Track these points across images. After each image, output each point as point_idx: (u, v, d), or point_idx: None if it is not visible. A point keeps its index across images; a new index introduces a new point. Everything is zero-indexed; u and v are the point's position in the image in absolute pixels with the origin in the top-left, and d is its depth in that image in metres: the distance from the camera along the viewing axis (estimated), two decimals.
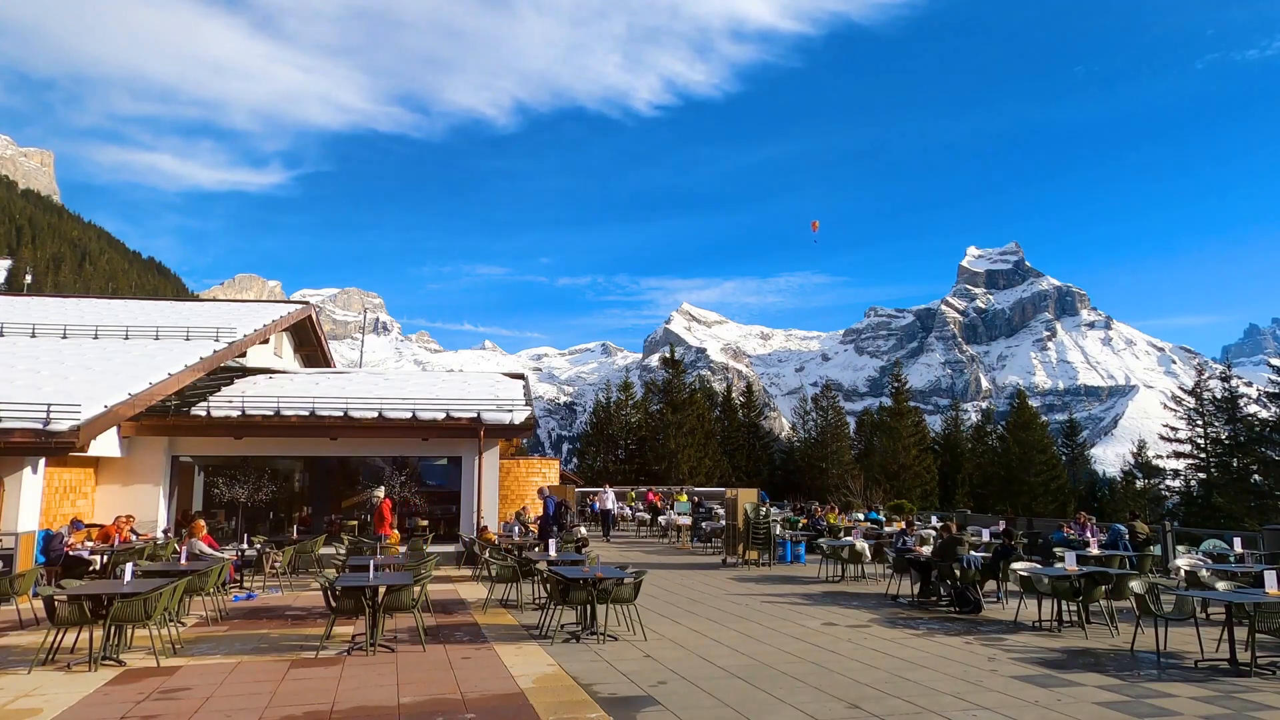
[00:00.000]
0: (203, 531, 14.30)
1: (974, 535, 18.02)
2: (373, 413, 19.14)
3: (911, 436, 53.18)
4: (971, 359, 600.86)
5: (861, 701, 7.42)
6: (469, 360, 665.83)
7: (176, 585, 9.61)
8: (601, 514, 27.09)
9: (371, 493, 14.56)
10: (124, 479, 17.89)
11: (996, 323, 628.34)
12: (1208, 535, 18.96)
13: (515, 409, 20.10)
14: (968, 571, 12.83)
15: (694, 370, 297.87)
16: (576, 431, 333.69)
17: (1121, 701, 7.40)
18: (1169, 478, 47.42)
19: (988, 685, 8.00)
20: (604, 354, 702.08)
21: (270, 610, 12.62)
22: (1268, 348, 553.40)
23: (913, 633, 10.85)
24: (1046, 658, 9.30)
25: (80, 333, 22.54)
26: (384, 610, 9.74)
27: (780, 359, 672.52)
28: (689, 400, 54.93)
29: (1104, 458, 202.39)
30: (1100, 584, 11.00)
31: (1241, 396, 42.93)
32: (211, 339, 21.71)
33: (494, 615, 12.18)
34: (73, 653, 9.22)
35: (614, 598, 10.47)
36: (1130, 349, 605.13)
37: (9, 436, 13.92)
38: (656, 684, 8.07)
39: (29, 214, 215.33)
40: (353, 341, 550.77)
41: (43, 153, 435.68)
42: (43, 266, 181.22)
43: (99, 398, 15.52)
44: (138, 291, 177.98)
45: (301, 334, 30.96)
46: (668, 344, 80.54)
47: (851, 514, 28.15)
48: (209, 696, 7.60)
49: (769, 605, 13.12)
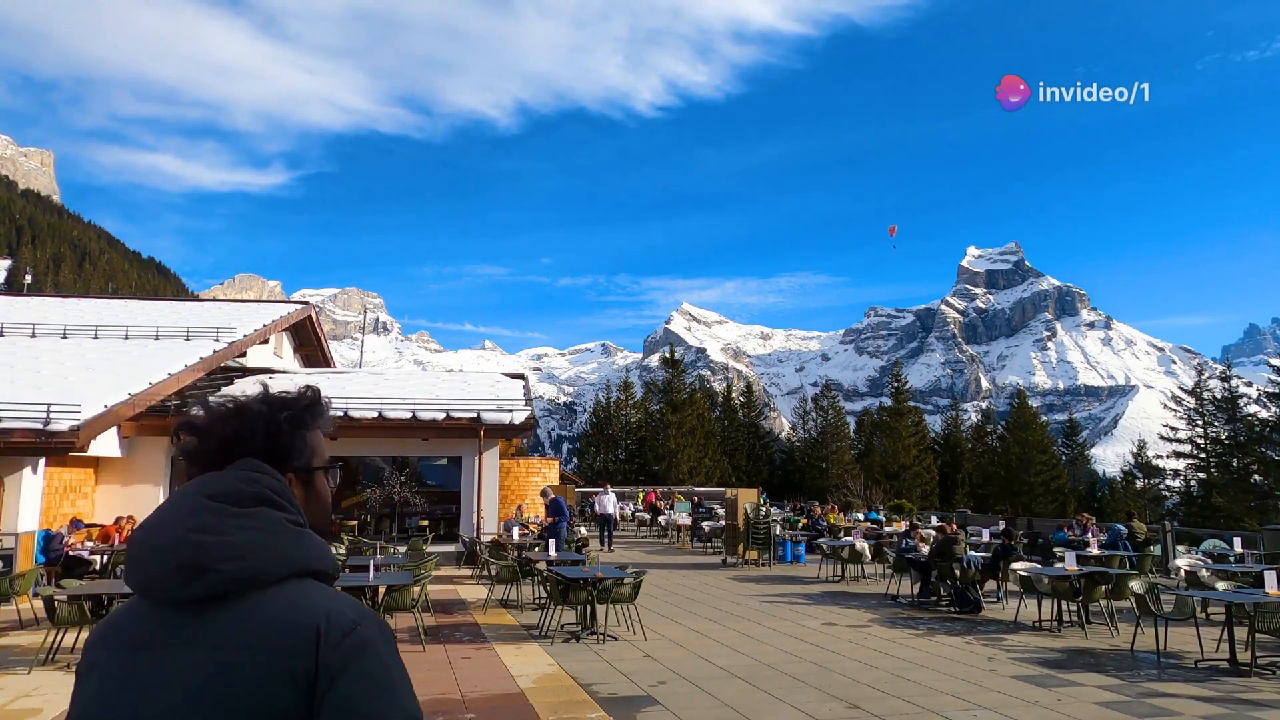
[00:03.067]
0: None
1: (974, 535, 18.02)
2: (373, 413, 19.14)
3: (911, 436, 53.19)
4: (971, 359, 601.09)
5: (861, 701, 7.42)
6: (469, 360, 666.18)
7: None
8: (601, 519, 23.47)
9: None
10: (124, 479, 17.88)
11: (996, 323, 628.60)
12: (1208, 535, 18.97)
13: (515, 409, 20.10)
14: (968, 571, 12.83)
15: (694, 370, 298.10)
16: (576, 431, 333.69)
17: (1121, 701, 7.40)
18: (1169, 478, 47.43)
19: (988, 685, 8.00)
20: (604, 354, 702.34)
21: None
22: (1268, 348, 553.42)
23: (913, 633, 10.85)
24: (1046, 658, 9.29)
25: (80, 333, 22.53)
26: (384, 610, 9.74)
27: (780, 359, 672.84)
28: (689, 400, 54.92)
29: (1104, 458, 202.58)
30: (1100, 584, 11.00)
31: (1241, 396, 42.91)
32: (211, 339, 21.70)
33: (494, 615, 12.18)
34: (73, 653, 9.22)
35: (614, 598, 10.47)
36: (1130, 349, 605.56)
37: (9, 436, 13.92)
38: (656, 684, 8.07)
39: (29, 214, 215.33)
40: (353, 341, 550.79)
41: (43, 153, 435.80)
42: (43, 266, 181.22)
43: (99, 398, 15.52)
44: (138, 291, 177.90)
45: (301, 334, 30.95)
46: (668, 344, 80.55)
47: (851, 514, 28.16)
48: None
49: (769, 605, 13.12)
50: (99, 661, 1.22)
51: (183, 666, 1.14)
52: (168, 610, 1.19)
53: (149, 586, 1.21)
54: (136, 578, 1.22)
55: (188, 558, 1.17)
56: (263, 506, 1.24)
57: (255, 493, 1.25)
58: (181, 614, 1.18)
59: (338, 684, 1.11)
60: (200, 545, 1.18)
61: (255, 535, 1.21)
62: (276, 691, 1.10)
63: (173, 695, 1.12)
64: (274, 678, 1.11)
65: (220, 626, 1.15)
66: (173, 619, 1.18)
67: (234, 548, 1.18)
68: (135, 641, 1.19)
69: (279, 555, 1.21)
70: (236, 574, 1.17)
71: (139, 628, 1.20)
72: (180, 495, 1.25)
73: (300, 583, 1.22)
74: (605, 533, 23.27)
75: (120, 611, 1.27)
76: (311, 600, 1.19)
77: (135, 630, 1.20)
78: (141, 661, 1.17)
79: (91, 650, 1.24)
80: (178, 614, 1.18)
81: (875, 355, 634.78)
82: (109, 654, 1.21)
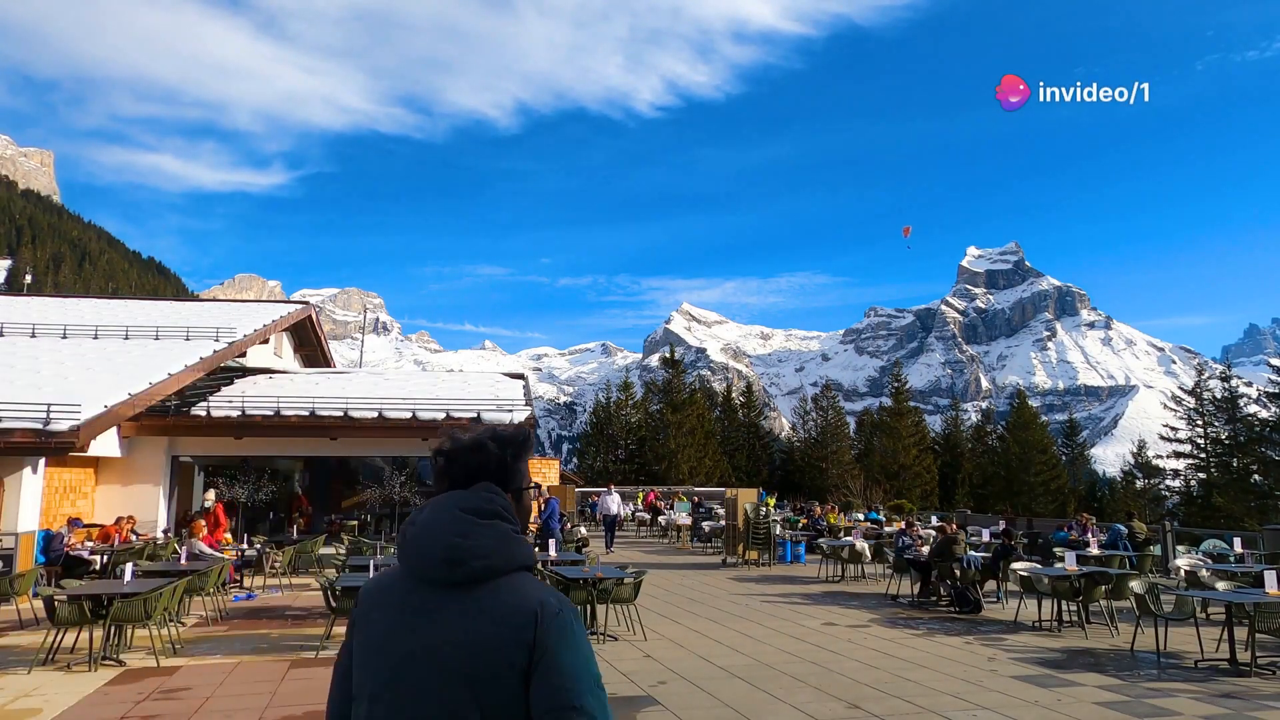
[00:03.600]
0: (202, 532, 14.30)
1: (974, 535, 18.01)
2: (373, 413, 19.14)
3: (911, 436, 53.17)
4: (971, 359, 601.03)
5: (861, 701, 7.42)
6: (469, 360, 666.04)
7: (176, 585, 9.61)
8: (605, 520, 23.35)
9: (203, 497, 13.21)
10: (124, 479, 17.88)
11: (996, 323, 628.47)
12: (1208, 535, 18.97)
13: (515, 409, 20.10)
14: (968, 571, 12.83)
15: (694, 370, 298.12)
16: (576, 431, 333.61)
17: (1121, 701, 7.40)
18: (1169, 478, 47.42)
19: (988, 685, 8.00)
20: (604, 354, 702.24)
21: (270, 610, 12.62)
22: (1268, 348, 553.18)
23: (913, 633, 10.85)
24: (1046, 658, 9.30)
25: (80, 333, 22.52)
26: None
27: (780, 359, 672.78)
28: (689, 400, 54.91)
29: (1104, 458, 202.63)
30: (1100, 584, 11.00)
31: (1241, 396, 42.91)
32: (211, 339, 21.69)
33: None
34: (73, 653, 9.22)
35: (614, 598, 10.46)
36: (1130, 349, 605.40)
37: (9, 436, 13.91)
38: (656, 684, 8.07)
39: (29, 214, 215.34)
40: (353, 341, 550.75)
41: (42, 153, 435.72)
42: (43, 266, 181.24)
43: (99, 398, 15.51)
44: (138, 291, 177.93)
45: (301, 334, 30.95)
46: (668, 344, 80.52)
47: (851, 514, 28.16)
48: (209, 696, 7.60)
49: (769, 605, 13.12)
50: (375, 611, 1.75)
51: (445, 624, 1.66)
52: (430, 588, 1.71)
53: (419, 570, 1.73)
54: (410, 562, 1.75)
55: (450, 554, 1.69)
56: (496, 520, 1.77)
57: (492, 509, 1.78)
58: (440, 592, 1.70)
59: (549, 650, 1.63)
60: (459, 547, 1.69)
61: (493, 541, 1.73)
62: (510, 652, 1.62)
63: (439, 638, 1.65)
64: (508, 643, 1.62)
65: (470, 604, 1.67)
66: (435, 594, 1.70)
67: (481, 549, 1.70)
68: (405, 605, 1.71)
69: (508, 555, 1.73)
70: (482, 568, 1.69)
71: (408, 596, 1.72)
72: (441, 507, 1.79)
73: (520, 575, 1.74)
74: (609, 534, 23.04)
75: (389, 576, 1.80)
76: (530, 589, 1.71)
77: (406, 597, 1.73)
78: (412, 617, 1.69)
79: (368, 599, 1.79)
80: (437, 592, 1.70)
81: (875, 355, 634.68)
82: (383, 609, 1.74)
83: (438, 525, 1.75)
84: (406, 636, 1.69)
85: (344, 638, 1.84)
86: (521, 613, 1.66)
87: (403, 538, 1.79)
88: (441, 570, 1.70)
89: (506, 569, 1.73)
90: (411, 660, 1.67)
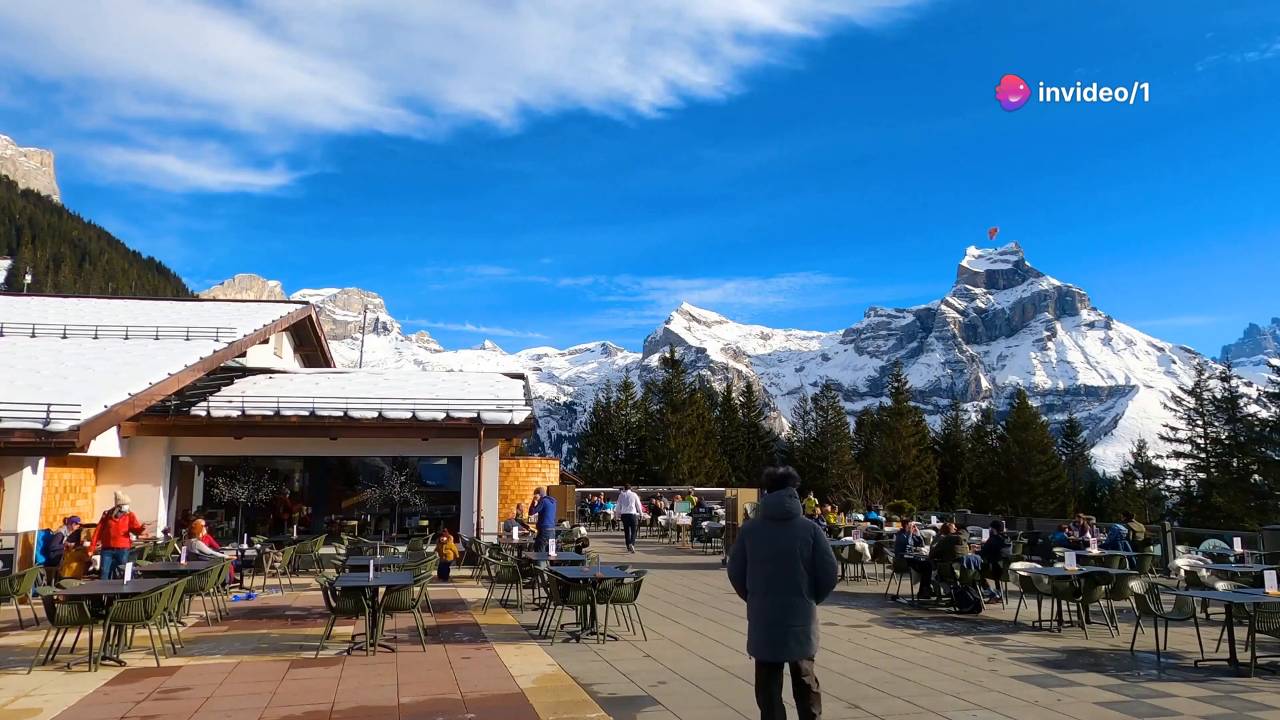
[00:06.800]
0: (202, 531, 14.30)
1: (974, 536, 18.00)
2: (373, 413, 19.14)
3: (911, 436, 53.14)
4: (971, 359, 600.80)
5: (861, 701, 7.42)
6: (469, 360, 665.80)
7: (176, 585, 9.61)
8: (625, 520, 23.37)
9: (119, 504, 13.02)
10: (124, 479, 17.86)
11: (996, 323, 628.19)
12: (1208, 535, 18.95)
13: (515, 409, 20.09)
14: (968, 571, 12.82)
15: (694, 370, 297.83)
16: (576, 431, 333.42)
17: (1121, 701, 7.40)
18: (1169, 478, 47.43)
19: (988, 685, 8.00)
20: (604, 354, 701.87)
21: (270, 610, 12.62)
22: (1268, 348, 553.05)
23: (913, 633, 10.85)
24: (1046, 658, 9.29)
25: (80, 333, 22.51)
26: (384, 610, 9.74)
27: (780, 359, 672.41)
28: (689, 400, 54.87)
29: (1104, 458, 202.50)
30: (1100, 584, 10.99)
31: (1241, 396, 42.90)
32: (211, 339, 21.68)
33: (494, 615, 12.18)
34: (73, 653, 9.22)
35: (614, 598, 10.46)
36: (1130, 349, 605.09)
37: (9, 436, 13.91)
38: (656, 684, 8.07)
39: (29, 214, 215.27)
40: (353, 341, 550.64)
41: (42, 153, 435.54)
42: (43, 266, 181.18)
43: (99, 398, 15.51)
44: (138, 291, 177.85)
45: (301, 334, 30.94)
46: (668, 344, 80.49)
47: (851, 514, 28.15)
48: (209, 696, 7.60)
49: None
50: (755, 533, 5.63)
51: (783, 536, 5.49)
52: (774, 522, 5.55)
53: (773, 515, 5.56)
54: (769, 511, 5.58)
55: (786, 510, 5.54)
56: (794, 499, 5.60)
57: (793, 495, 5.61)
58: (780, 525, 5.53)
59: (817, 545, 5.47)
60: (789, 508, 5.55)
61: (796, 505, 5.59)
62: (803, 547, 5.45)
63: (787, 541, 5.47)
64: (802, 543, 5.45)
65: (789, 529, 5.51)
66: (778, 526, 5.54)
67: (794, 509, 5.57)
68: (768, 531, 5.56)
69: (797, 510, 5.59)
70: (795, 515, 5.56)
71: (769, 526, 5.57)
72: (780, 494, 5.58)
73: (800, 518, 5.59)
74: (630, 533, 23.02)
75: (757, 520, 5.70)
76: (806, 522, 5.57)
77: (770, 527, 5.56)
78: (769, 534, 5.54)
79: (753, 527, 5.68)
80: (779, 525, 5.54)
81: (875, 355, 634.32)
82: (758, 532, 5.60)
83: (777, 499, 5.54)
84: (771, 541, 5.49)
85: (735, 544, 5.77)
86: (809, 531, 5.48)
87: (764, 503, 5.66)
88: (782, 516, 5.52)
89: (798, 514, 5.56)
90: (775, 548, 5.48)
